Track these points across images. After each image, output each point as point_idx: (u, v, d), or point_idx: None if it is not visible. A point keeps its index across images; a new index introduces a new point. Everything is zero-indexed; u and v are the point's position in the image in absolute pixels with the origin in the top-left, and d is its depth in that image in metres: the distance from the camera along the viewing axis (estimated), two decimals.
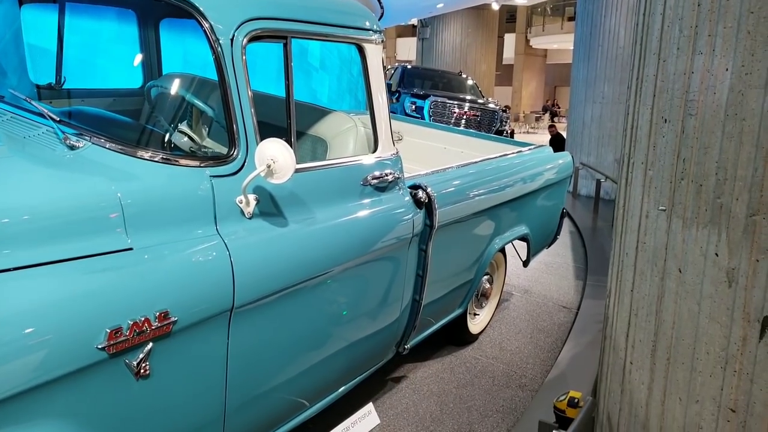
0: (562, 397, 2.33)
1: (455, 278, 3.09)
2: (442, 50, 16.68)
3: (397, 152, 2.46)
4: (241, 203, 1.77)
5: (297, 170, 1.95)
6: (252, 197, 1.79)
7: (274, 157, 1.69)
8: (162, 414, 1.56)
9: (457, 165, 3.12)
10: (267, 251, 1.81)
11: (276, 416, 2.10)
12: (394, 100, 10.42)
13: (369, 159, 2.31)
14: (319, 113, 2.50)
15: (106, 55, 3.06)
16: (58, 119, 1.72)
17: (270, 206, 1.87)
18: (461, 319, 3.40)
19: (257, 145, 1.79)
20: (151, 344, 1.47)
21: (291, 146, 1.93)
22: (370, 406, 2.73)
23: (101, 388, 1.40)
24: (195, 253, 1.62)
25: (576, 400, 2.29)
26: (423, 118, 9.67)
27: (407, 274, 2.56)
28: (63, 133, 1.66)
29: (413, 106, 10.03)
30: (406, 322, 2.71)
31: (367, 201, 2.25)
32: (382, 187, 2.34)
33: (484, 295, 3.63)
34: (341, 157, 2.26)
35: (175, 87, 2.13)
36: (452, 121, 10.10)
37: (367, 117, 2.35)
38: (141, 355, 1.46)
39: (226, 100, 1.76)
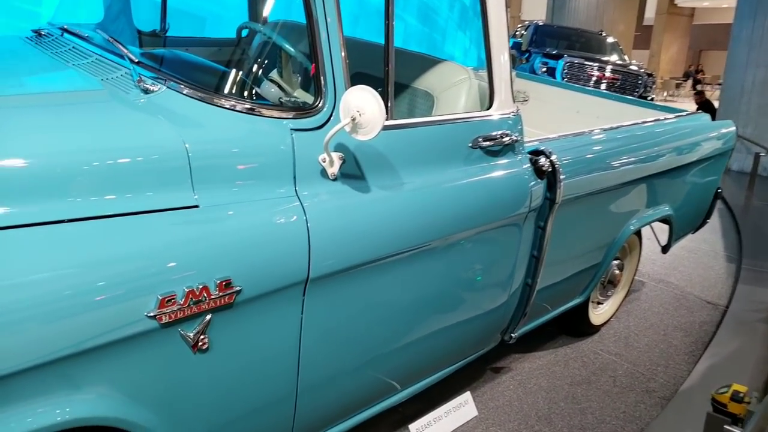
0: (724, 390, 2.02)
1: (578, 262, 2.68)
2: (576, 7, 15.24)
3: (517, 111, 2.10)
4: (324, 162, 1.54)
5: (394, 127, 1.70)
6: (336, 156, 1.55)
7: (361, 109, 1.42)
8: (222, 392, 1.41)
9: (590, 130, 2.68)
10: (351, 218, 1.57)
11: (358, 399, 1.90)
12: (524, 60, 9.69)
13: (481, 117, 1.97)
14: (427, 63, 2.19)
15: (215, 2, 2.96)
16: (136, 61, 1.59)
17: (358, 167, 1.62)
18: (581, 308, 2.99)
19: None
20: (210, 315, 1.31)
21: (387, 99, 1.66)
22: (467, 396, 2.47)
23: (153, 360, 1.26)
24: (267, 216, 1.41)
25: (741, 395, 1.98)
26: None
27: (519, 254, 2.22)
28: (138, 75, 1.52)
29: (544, 68, 9.26)
30: (515, 309, 2.37)
31: (474, 167, 1.93)
32: (495, 150, 2.00)
33: (612, 283, 3.17)
34: (448, 114, 1.95)
35: (268, 29, 1.93)
36: (590, 84, 9.22)
37: (485, 73, 2.01)
38: (198, 327, 1.30)
39: (313, 40, 1.51)
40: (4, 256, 1.07)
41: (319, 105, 1.54)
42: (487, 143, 1.95)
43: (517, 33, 11.31)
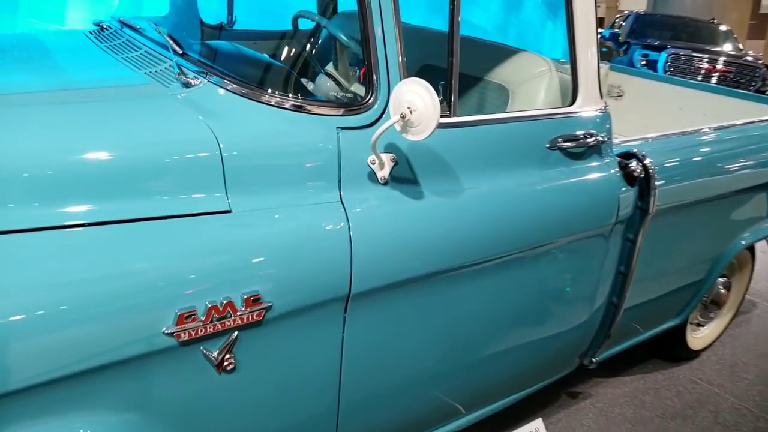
0: None
1: (675, 279, 2.35)
2: None
3: (605, 107, 1.83)
4: (373, 164, 1.37)
5: (457, 125, 1.50)
6: (387, 157, 1.38)
7: (412, 105, 1.24)
8: (251, 416, 1.28)
9: (695, 129, 2.33)
10: (402, 227, 1.39)
11: (412, 422, 1.72)
12: (621, 53, 8.98)
13: (562, 114, 1.73)
14: (501, 54, 1.96)
15: None
16: (181, 53, 1.49)
17: (413, 170, 1.44)
18: (678, 330, 2.64)
19: None
20: (236, 333, 1.18)
21: (451, 94, 1.47)
22: (539, 423, 2.22)
23: (174, 380, 1.15)
24: (304, 223, 1.27)
25: None
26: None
27: (603, 270, 1.95)
28: (179, 68, 1.42)
29: (644, 60, 8.53)
30: (597, 330, 2.10)
31: (552, 171, 1.69)
32: (577, 152, 1.75)
33: (716, 303, 2.77)
34: (522, 110, 1.72)
35: (323, 19, 1.79)
36: (698, 78, 8.41)
37: (569, 65, 1.76)
38: (223, 345, 1.17)
39: (364, 27, 1.35)
40: (8, 262, 0.99)
41: (370, 100, 1.38)
42: (568, 144, 1.70)
43: (615, 24, 10.58)
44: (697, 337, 2.84)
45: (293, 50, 1.88)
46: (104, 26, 1.97)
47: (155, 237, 1.11)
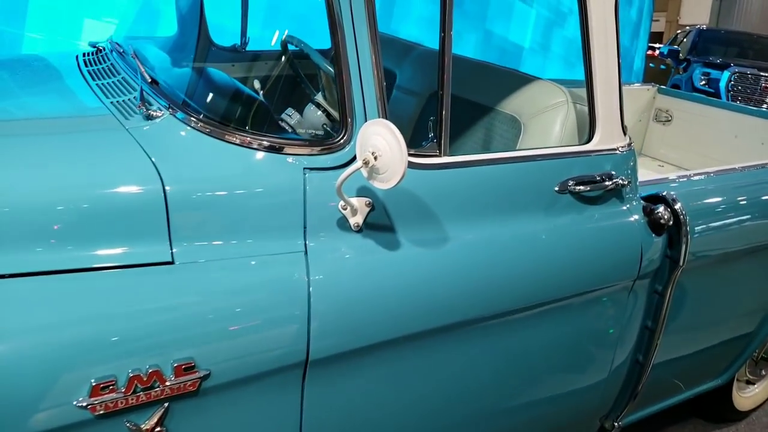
0: None
1: (716, 333, 2.08)
2: (747, 9, 13.17)
3: (629, 145, 1.61)
4: (345, 210, 1.22)
5: (452, 165, 1.33)
6: (362, 202, 1.22)
7: (376, 149, 1.08)
8: None
9: (744, 166, 2.07)
10: (376, 282, 1.22)
11: None
12: (681, 71, 8.50)
13: (575, 153, 1.52)
14: (515, 81, 1.77)
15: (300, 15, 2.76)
16: (149, 81, 1.39)
17: (393, 216, 1.27)
18: (722, 388, 2.34)
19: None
20: (167, 403, 1.04)
21: (441, 131, 1.30)
22: None
23: None
24: (257, 276, 1.12)
25: None
26: (717, 94, 7.66)
27: (626, 326, 1.71)
28: (141, 98, 1.31)
29: (704, 79, 8.01)
30: (619, 391, 1.86)
31: (560, 218, 1.48)
32: (593, 197, 1.53)
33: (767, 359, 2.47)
34: (526, 150, 1.53)
35: (305, 45, 1.65)
36: (767, 101, 7.83)
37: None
38: (153, 417, 1.04)
39: (336, 54, 1.20)
40: None
41: (342, 139, 1.23)
42: (581, 188, 1.50)
43: (676, 39, 10.06)
44: (746, 397, 2.52)
45: (280, 77, 1.75)
46: (99, 47, 1.91)
47: (70, 293, 0.99)
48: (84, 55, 1.83)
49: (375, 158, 1.08)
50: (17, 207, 1.03)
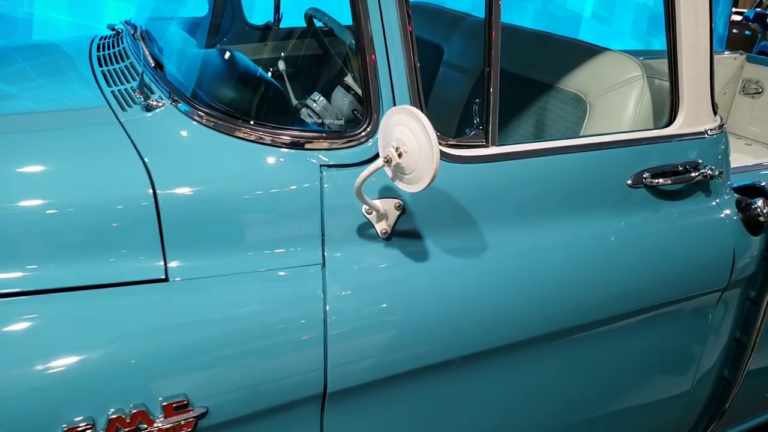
0: None
1: None
2: None
3: (722, 126, 1.34)
4: (370, 214, 1.03)
5: (502, 157, 1.12)
6: (391, 204, 1.02)
7: (401, 144, 0.88)
8: None
9: None
10: (408, 299, 1.03)
11: None
12: None
13: (653, 139, 1.27)
14: (580, 53, 1.51)
15: None
16: (152, 65, 1.23)
17: (430, 220, 1.07)
18: None
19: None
20: None
21: (488, 116, 1.08)
22: None
23: None
24: (264, 296, 0.95)
25: None
26: None
27: (712, 338, 1.45)
28: (141, 87, 1.15)
29: None
30: (703, 407, 1.61)
31: (633, 217, 1.23)
32: (674, 191, 1.28)
33: None
34: (593, 136, 1.28)
35: (332, 19, 1.44)
36: None
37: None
38: None
39: (357, 27, 0.99)
40: None
41: (366, 130, 1.03)
42: (659, 180, 1.24)
43: (762, 2, 9.15)
44: None
45: (307, 57, 1.56)
46: (118, 30, 1.78)
47: (39, 319, 0.84)
48: (101, 38, 1.70)
49: (399, 155, 0.88)
50: None
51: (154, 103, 1.11)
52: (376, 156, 1.01)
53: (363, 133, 1.03)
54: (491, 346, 1.09)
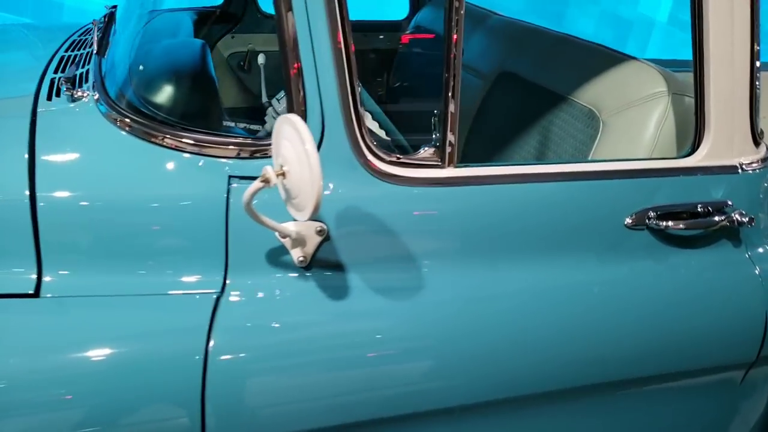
0: None
1: None
2: None
3: (766, 160, 1.07)
4: (284, 238, 0.86)
5: (462, 181, 0.93)
6: (309, 228, 0.86)
7: (285, 160, 0.71)
8: None
9: None
10: (316, 345, 0.86)
11: None
12: None
13: (665, 169, 1.02)
14: (597, 61, 1.28)
15: None
16: (96, 51, 1.12)
17: (362, 250, 0.90)
18: None
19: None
20: None
21: (445, 131, 0.89)
22: None
23: None
24: (137, 323, 0.81)
25: None
26: None
27: (737, 421, 1.18)
28: (71, 77, 1.04)
29: None
30: None
31: (630, 266, 0.99)
32: (689, 238, 1.02)
33: None
34: (581, 163, 1.05)
35: None
36: None
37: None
38: None
39: (278, 14, 0.83)
40: None
41: None
42: (668, 223, 0.99)
43: None
44: None
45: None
46: (110, 12, 1.70)
47: None
48: (94, 22, 1.63)
49: (283, 174, 0.71)
50: None
51: (79, 94, 0.99)
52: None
53: None
54: (410, 411, 0.90)
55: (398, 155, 0.92)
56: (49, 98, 1.02)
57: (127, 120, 0.88)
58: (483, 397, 0.92)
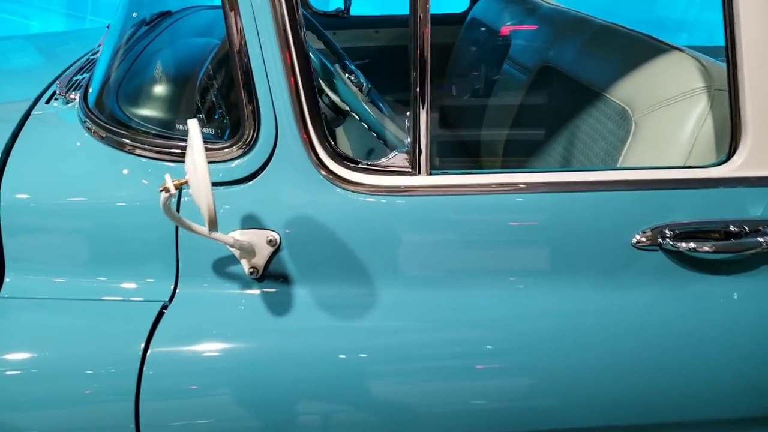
0: None
1: None
2: None
3: None
4: (232, 249, 0.81)
5: (438, 190, 0.84)
6: (260, 238, 0.80)
7: (186, 169, 0.65)
8: None
9: None
10: (258, 360, 0.80)
11: None
12: None
13: (688, 180, 0.85)
14: (637, 51, 1.12)
15: None
16: (93, 54, 1.14)
17: (320, 262, 0.83)
18: None
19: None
20: None
21: (416, 132, 0.81)
22: None
23: None
24: (75, 325, 0.80)
25: None
26: None
27: None
28: (69, 81, 1.07)
29: None
30: None
31: (635, 294, 0.84)
32: (717, 262, 0.85)
33: None
34: (582, 169, 0.90)
35: None
36: None
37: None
38: None
39: (225, 15, 0.78)
40: None
41: (247, 137, 0.81)
42: (690, 244, 0.83)
43: None
44: None
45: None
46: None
47: None
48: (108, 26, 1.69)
49: (181, 184, 0.66)
50: None
51: (72, 97, 1.02)
52: (261, 170, 0.81)
53: (234, 146, 0.82)
54: None
55: (365, 161, 0.84)
56: (48, 101, 1.05)
57: (88, 123, 0.88)
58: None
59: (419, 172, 0.83)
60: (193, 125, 0.63)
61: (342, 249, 0.83)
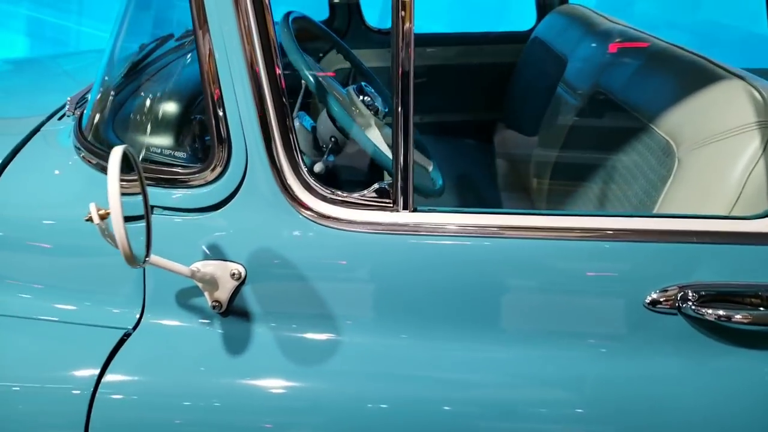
0: None
1: None
2: None
3: None
4: (195, 281, 0.77)
5: (419, 230, 0.76)
6: (224, 270, 0.76)
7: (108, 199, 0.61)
8: None
9: None
10: (216, 402, 0.75)
11: None
12: None
13: (716, 234, 0.70)
14: (691, 76, 0.97)
15: None
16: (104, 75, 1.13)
17: (288, 300, 0.77)
18: None
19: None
20: None
21: (398, 163, 0.73)
22: None
23: None
24: (32, 353, 0.78)
25: None
26: None
27: None
28: (78, 99, 1.08)
29: None
30: None
31: (647, 364, 0.70)
32: (751, 334, 0.69)
33: None
34: (586, 214, 0.75)
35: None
36: None
37: None
38: None
39: (195, 34, 0.74)
40: None
41: (216, 163, 0.77)
42: (720, 312, 0.68)
43: None
44: None
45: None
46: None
47: None
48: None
49: (106, 213, 0.61)
50: None
51: (77, 114, 1.03)
52: (232, 196, 0.76)
53: (206, 171, 0.77)
54: None
55: (343, 193, 0.77)
56: (60, 118, 1.07)
57: (76, 144, 0.88)
58: None
59: (402, 208, 0.75)
60: (114, 154, 0.59)
61: (310, 288, 0.76)
